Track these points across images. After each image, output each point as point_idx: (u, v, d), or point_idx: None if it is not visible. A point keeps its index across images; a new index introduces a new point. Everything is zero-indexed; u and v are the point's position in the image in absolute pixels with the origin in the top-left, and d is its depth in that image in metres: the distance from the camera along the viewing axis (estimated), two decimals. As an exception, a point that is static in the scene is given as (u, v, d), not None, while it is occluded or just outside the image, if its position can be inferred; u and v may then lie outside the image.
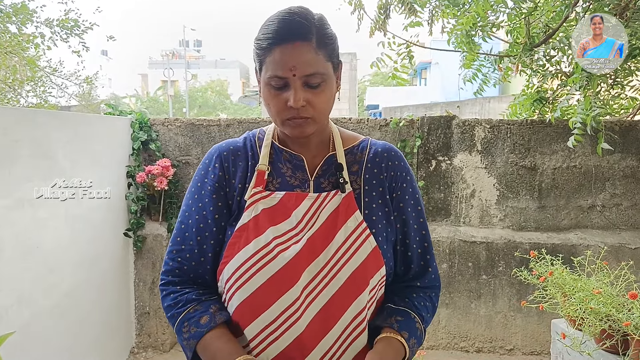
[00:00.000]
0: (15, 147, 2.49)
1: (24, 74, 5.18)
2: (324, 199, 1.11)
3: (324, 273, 1.05)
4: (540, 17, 3.61)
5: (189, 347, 1.06)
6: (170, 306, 1.10)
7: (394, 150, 1.20)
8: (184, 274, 1.12)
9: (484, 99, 13.36)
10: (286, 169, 1.15)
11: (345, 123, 3.71)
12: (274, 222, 1.08)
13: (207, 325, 1.04)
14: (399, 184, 1.17)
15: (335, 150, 1.16)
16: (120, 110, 3.86)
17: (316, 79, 1.02)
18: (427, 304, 1.17)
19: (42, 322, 2.68)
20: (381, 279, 1.11)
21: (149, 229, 3.69)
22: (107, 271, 3.41)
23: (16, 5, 4.93)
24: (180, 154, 3.84)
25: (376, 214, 1.13)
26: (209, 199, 1.13)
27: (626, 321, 1.63)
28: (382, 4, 4.24)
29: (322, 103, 1.05)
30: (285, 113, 1.04)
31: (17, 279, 2.50)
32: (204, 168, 1.17)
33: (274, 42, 1.01)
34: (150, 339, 3.73)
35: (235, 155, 1.16)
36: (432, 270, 1.20)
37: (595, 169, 3.56)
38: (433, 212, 3.72)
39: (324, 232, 1.08)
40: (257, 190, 1.11)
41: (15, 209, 2.49)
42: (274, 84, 1.03)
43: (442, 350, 3.65)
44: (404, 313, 1.12)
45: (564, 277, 1.98)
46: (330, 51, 1.06)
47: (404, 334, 1.07)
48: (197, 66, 44.15)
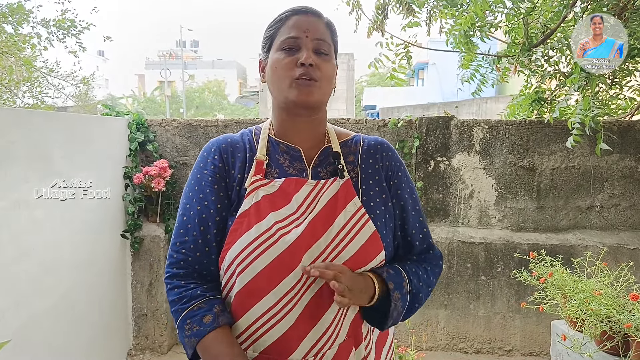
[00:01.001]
0: (11, 148, 2.47)
1: (20, 75, 5.15)
2: (323, 185, 1.14)
3: (324, 255, 1.07)
4: (539, 17, 3.61)
5: (189, 344, 1.07)
6: (174, 301, 1.10)
7: (386, 143, 1.26)
8: (188, 265, 1.12)
9: (481, 99, 13.35)
10: (284, 159, 1.18)
11: (343, 124, 3.70)
12: (275, 208, 1.10)
13: (210, 325, 1.05)
14: (395, 173, 1.22)
15: (330, 142, 1.21)
16: (117, 111, 3.84)
17: (325, 46, 1.13)
18: (419, 273, 1.20)
19: (39, 324, 2.66)
20: (380, 263, 1.13)
21: (147, 230, 3.67)
22: (104, 273, 3.39)
23: (12, 5, 4.90)
24: (178, 155, 3.82)
25: (374, 200, 1.17)
26: (210, 189, 1.15)
27: (627, 323, 1.62)
28: (380, 4, 4.23)
29: (328, 70, 1.13)
30: (295, 71, 1.10)
31: (14, 281, 2.48)
32: (202, 160, 1.19)
33: (290, 14, 1.15)
34: (147, 340, 3.70)
35: (233, 147, 1.19)
36: (433, 252, 1.25)
37: (594, 170, 3.56)
38: (432, 213, 3.71)
39: (324, 216, 1.11)
40: (256, 178, 1.13)
41: (12, 210, 2.47)
42: (286, 47, 1.12)
43: (441, 351, 3.64)
44: (395, 268, 1.15)
45: (564, 278, 1.98)
46: (335, 38, 1.19)
47: (389, 284, 1.11)
48: (195, 67, 44.08)
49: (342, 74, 20.49)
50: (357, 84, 24.79)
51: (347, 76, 19.98)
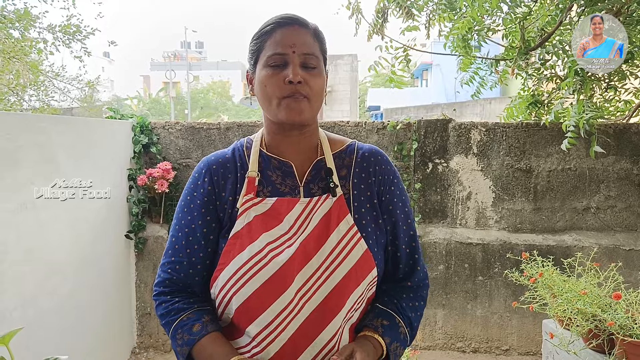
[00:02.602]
0: (19, 151, 2.55)
1: (27, 79, 5.26)
2: (315, 203, 1.13)
3: (317, 275, 1.08)
4: (535, 21, 3.66)
5: (182, 353, 1.11)
6: (163, 315, 1.15)
7: (380, 154, 1.23)
8: (173, 284, 1.16)
9: (485, 100, 13.37)
10: (276, 176, 1.17)
11: (343, 126, 3.77)
12: (267, 228, 1.11)
13: (199, 333, 1.09)
14: (387, 187, 1.20)
15: (323, 154, 1.19)
16: (122, 114, 3.92)
17: (312, 60, 1.10)
18: (415, 304, 1.21)
19: (45, 323, 2.73)
20: (372, 280, 1.13)
21: (150, 230, 3.75)
22: (109, 272, 3.47)
23: (19, 11, 5.02)
24: (181, 157, 3.89)
25: (365, 218, 1.16)
26: (197, 213, 1.17)
27: (610, 321, 1.68)
28: (380, 8, 4.28)
29: (317, 85, 1.10)
30: (283, 90, 1.07)
31: (20, 280, 2.55)
32: (193, 182, 1.21)
33: (275, 26, 1.10)
34: (151, 339, 3.78)
35: (224, 168, 1.18)
36: (420, 268, 1.24)
37: (590, 172, 3.61)
38: (430, 214, 3.77)
39: (316, 235, 1.10)
40: (248, 197, 1.13)
41: (19, 212, 2.55)
42: (272, 63, 1.09)
43: (439, 350, 3.70)
44: (390, 317, 1.15)
45: (554, 278, 2.03)
46: (323, 47, 1.15)
47: (386, 339, 1.11)
48: (199, 68, 44.20)
49: (345, 75, 20.50)
50: (361, 84, 24.83)
51: (350, 77, 19.98)
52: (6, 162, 2.46)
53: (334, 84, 20.26)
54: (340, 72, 20.28)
